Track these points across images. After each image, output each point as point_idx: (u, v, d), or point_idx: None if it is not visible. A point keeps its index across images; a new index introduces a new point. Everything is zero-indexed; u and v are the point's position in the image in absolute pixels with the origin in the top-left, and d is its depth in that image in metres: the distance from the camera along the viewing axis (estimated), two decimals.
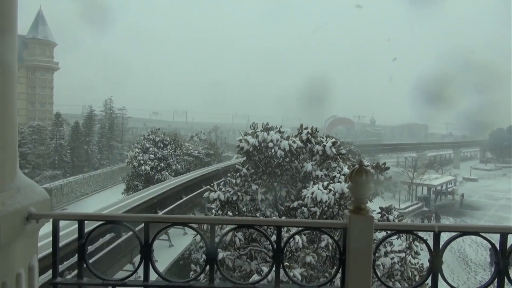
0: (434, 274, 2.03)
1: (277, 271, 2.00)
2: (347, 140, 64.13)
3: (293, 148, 9.57)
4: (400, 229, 2.30)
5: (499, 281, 2.03)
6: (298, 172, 10.32)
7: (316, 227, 2.29)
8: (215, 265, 1.96)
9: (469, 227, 2.07)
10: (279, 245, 1.98)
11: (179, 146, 44.57)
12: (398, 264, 8.16)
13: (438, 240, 2.03)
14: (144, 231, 1.88)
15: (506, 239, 2.02)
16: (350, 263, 1.93)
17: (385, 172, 8.89)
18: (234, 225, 2.10)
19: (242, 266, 10.09)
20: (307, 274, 8.37)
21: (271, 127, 10.15)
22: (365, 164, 1.97)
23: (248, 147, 9.70)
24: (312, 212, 8.70)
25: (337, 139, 11.36)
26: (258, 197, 9.90)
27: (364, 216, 1.93)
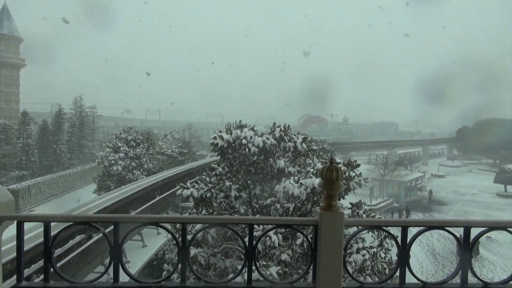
0: (402, 268, 2.09)
1: (249, 269, 2.01)
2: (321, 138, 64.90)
3: (267, 145, 9.61)
4: (370, 225, 2.35)
5: (462, 272, 2.11)
6: (272, 169, 10.37)
7: (288, 225, 2.31)
8: (187, 264, 1.95)
9: (434, 222, 2.14)
10: (251, 243, 1.99)
11: (152, 145, 43.88)
12: (369, 260, 8.35)
13: (405, 234, 2.09)
14: (113, 231, 1.84)
15: (469, 233, 2.10)
16: (321, 259, 1.96)
17: (357, 170, 9.06)
18: (206, 224, 2.09)
19: (217, 264, 10.06)
20: (282, 272, 8.43)
21: (244, 125, 10.17)
22: (336, 162, 2.01)
23: (222, 143, 9.67)
24: (286, 208, 8.77)
25: (308, 136, 11.49)
26: (232, 194, 9.89)
27: (335, 213, 1.96)
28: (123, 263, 1.89)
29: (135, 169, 38.09)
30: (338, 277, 1.96)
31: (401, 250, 2.07)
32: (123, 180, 36.26)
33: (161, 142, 51.15)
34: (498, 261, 27.65)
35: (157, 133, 74.86)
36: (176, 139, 54.14)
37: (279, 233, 8.24)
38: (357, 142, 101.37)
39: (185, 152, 48.81)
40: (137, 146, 39.84)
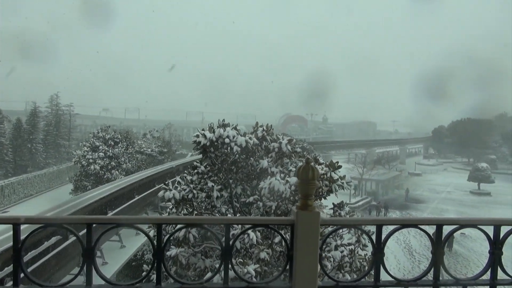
0: (377, 266, 2.12)
1: (226, 269, 2.00)
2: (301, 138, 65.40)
3: (249, 144, 9.61)
4: (345, 224, 2.38)
5: (435, 269, 2.16)
6: (254, 169, 10.38)
7: (264, 224, 2.32)
8: (163, 265, 1.93)
9: (408, 220, 2.19)
10: (227, 243, 1.98)
11: (131, 144, 43.31)
12: (347, 256, 8.47)
13: (380, 233, 2.12)
14: (86, 233, 1.80)
15: (442, 231, 2.15)
16: (297, 258, 1.97)
17: (338, 171, 9.16)
18: (182, 224, 2.07)
19: (197, 263, 10.01)
20: (261, 271, 8.46)
21: (227, 124, 10.14)
22: (312, 161, 2.02)
23: (205, 142, 9.61)
24: (267, 207, 8.80)
25: (291, 136, 11.57)
26: (213, 194, 9.85)
27: (311, 212, 1.97)
28: (97, 265, 1.85)
29: (114, 169, 37.50)
30: (314, 276, 1.98)
31: (376, 248, 2.11)
32: (101, 180, 35.65)
33: (140, 141, 50.50)
34: (472, 257, 28.50)
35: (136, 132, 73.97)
36: (155, 138, 53.51)
37: (258, 231, 8.27)
38: (337, 141, 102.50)
39: (165, 151, 48.36)
40: (116, 145, 39.23)
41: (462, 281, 2.20)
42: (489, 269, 2.20)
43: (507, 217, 2.26)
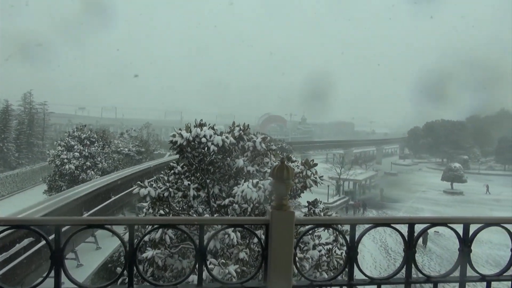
0: (350, 264, 2.14)
1: (200, 270, 1.98)
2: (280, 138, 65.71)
3: (226, 144, 9.56)
4: (319, 223, 2.39)
5: (407, 267, 2.19)
6: (231, 168, 10.35)
7: (239, 224, 2.30)
8: (135, 267, 1.89)
9: (381, 219, 2.21)
10: (201, 244, 1.96)
11: (107, 143, 42.52)
12: (325, 256, 8.56)
13: (354, 232, 2.14)
14: (54, 235, 1.74)
15: (413, 229, 2.19)
16: (272, 258, 1.97)
17: (314, 168, 9.24)
18: (155, 225, 2.03)
19: (174, 264, 9.91)
20: (240, 271, 8.44)
21: (204, 123, 10.08)
22: (286, 161, 2.02)
23: (182, 141, 9.52)
24: (244, 209, 8.79)
25: (268, 135, 11.59)
26: (190, 194, 9.77)
27: (285, 212, 1.97)
28: (66, 268, 1.80)
29: (89, 169, 36.73)
30: (288, 276, 1.98)
31: (350, 247, 2.12)
32: (76, 180, 34.87)
33: (117, 140, 49.66)
34: (445, 255, 29.26)
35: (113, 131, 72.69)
36: (133, 137, 52.78)
37: (238, 232, 8.25)
38: (315, 142, 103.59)
39: (143, 151, 47.74)
40: (92, 144, 38.45)
41: (433, 278, 2.25)
42: (459, 266, 2.25)
43: (476, 216, 2.32)
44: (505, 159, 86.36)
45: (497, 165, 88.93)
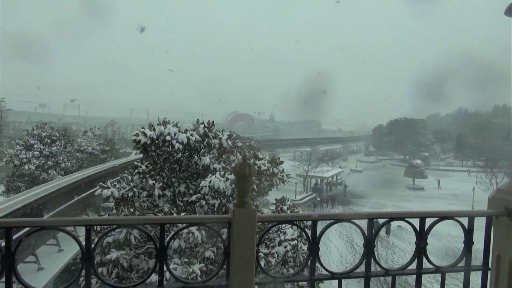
0: (312, 260, 2.17)
1: (161, 270, 1.94)
2: (248, 135, 65.81)
3: (191, 141, 9.45)
4: (281, 220, 2.41)
5: (367, 261, 2.25)
6: (197, 166, 10.25)
7: (200, 223, 2.28)
8: (92, 269, 1.83)
9: (342, 215, 2.26)
10: (162, 244, 1.93)
11: (70, 142, 41.12)
12: (290, 251, 8.66)
13: (315, 228, 2.17)
14: (5, 237, 1.66)
15: (372, 224, 2.25)
16: (234, 255, 1.97)
17: (280, 166, 9.32)
18: (113, 225, 1.98)
19: (140, 265, 9.72)
20: (206, 269, 8.39)
21: (168, 121, 9.91)
22: (248, 158, 2.02)
23: (145, 140, 9.31)
24: (211, 205, 8.73)
25: (234, 132, 11.56)
26: (155, 193, 9.59)
27: (247, 209, 1.97)
28: (18, 273, 1.71)
29: (51, 169, 35.37)
30: (251, 273, 1.98)
31: (311, 243, 2.15)
32: (37, 181, 33.49)
33: (80, 139, 48.00)
34: (407, 248, 30.33)
35: (76, 129, 70.33)
36: (97, 136, 51.22)
37: (203, 230, 8.19)
38: (283, 140, 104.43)
39: (108, 150, 46.51)
40: (53, 143, 37.03)
41: (391, 271, 2.32)
42: (416, 259, 2.33)
43: (431, 210, 2.41)
44: (463, 156, 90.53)
45: (456, 162, 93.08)
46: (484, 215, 2.38)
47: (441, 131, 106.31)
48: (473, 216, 2.35)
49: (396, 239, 32.11)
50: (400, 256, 28.81)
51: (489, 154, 74.47)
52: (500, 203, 2.35)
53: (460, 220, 2.34)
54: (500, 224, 2.35)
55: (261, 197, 24.55)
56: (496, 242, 2.39)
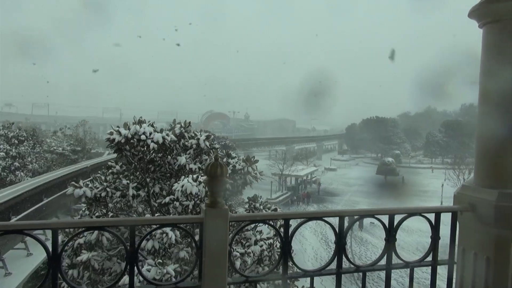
0: (285, 258, 2.19)
1: (131, 272, 1.91)
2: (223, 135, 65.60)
3: (167, 141, 9.32)
4: (254, 220, 2.42)
5: (338, 258, 2.29)
6: (172, 167, 10.13)
7: (172, 224, 2.26)
8: (60, 273, 1.78)
9: (313, 213, 2.28)
10: (133, 246, 1.90)
11: (38, 142, 39.84)
12: (266, 250, 8.69)
13: (287, 226, 2.19)
14: None
15: (343, 222, 2.28)
16: (207, 256, 1.96)
17: (255, 165, 9.34)
18: (82, 228, 1.93)
19: (113, 267, 9.53)
20: (181, 270, 8.31)
21: (143, 120, 9.74)
22: (220, 158, 2.01)
23: (119, 139, 9.11)
24: (185, 206, 8.65)
25: (211, 133, 11.50)
26: (129, 193, 9.42)
27: (219, 209, 1.96)
28: None
29: (18, 170, 34.13)
30: (223, 273, 1.98)
31: (284, 242, 2.17)
32: (3, 182, 32.23)
33: (50, 139, 46.59)
34: (380, 244, 31.02)
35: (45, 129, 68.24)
36: (68, 136, 49.83)
37: (177, 230, 8.10)
38: (258, 139, 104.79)
39: (79, 150, 45.35)
40: (20, 143, 35.75)
41: (362, 267, 2.37)
42: (385, 255, 2.39)
43: (400, 207, 2.48)
44: (432, 153, 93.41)
45: (425, 159, 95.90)
46: (450, 210, 2.46)
47: (411, 129, 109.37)
48: (439, 212, 2.43)
49: (369, 235, 32.80)
50: (373, 252, 29.45)
51: (456, 151, 77.19)
52: (464, 199, 2.43)
53: (427, 216, 2.41)
54: (464, 219, 2.43)
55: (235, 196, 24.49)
56: (461, 236, 2.47)
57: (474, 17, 2.45)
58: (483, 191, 2.32)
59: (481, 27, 2.41)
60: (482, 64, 2.39)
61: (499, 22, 2.29)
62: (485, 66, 2.37)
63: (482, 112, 2.40)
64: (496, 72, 2.32)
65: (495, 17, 2.31)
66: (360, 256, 28.68)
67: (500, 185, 2.26)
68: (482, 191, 2.33)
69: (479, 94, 2.40)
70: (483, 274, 2.28)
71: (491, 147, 2.34)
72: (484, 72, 2.38)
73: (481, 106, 2.41)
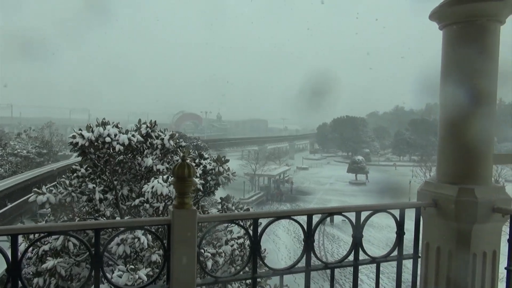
0: (254, 257, 2.19)
1: (96, 278, 1.86)
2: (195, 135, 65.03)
3: (132, 142, 9.12)
4: (223, 220, 2.41)
5: (307, 256, 2.31)
6: (140, 168, 9.94)
7: (139, 226, 2.22)
8: (20, 281, 1.71)
9: (282, 212, 2.30)
10: (97, 250, 1.84)
11: (1, 145, 38.23)
12: (237, 250, 8.68)
13: (256, 226, 2.19)
14: None
15: (311, 220, 2.31)
16: (175, 258, 1.93)
17: (226, 165, 9.30)
18: (44, 233, 1.86)
19: (81, 273, 9.26)
20: (153, 274, 8.17)
21: (107, 122, 9.49)
22: (187, 159, 1.99)
23: (83, 142, 8.83)
24: (156, 208, 8.51)
25: (178, 132, 11.37)
26: (96, 197, 9.16)
27: (187, 210, 1.94)
28: None
29: None
30: (192, 275, 1.96)
31: (253, 241, 2.17)
32: None
33: (13, 141, 44.74)
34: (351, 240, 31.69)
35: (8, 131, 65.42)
36: (33, 138, 48.04)
37: (149, 233, 7.96)
38: (231, 139, 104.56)
39: (45, 153, 43.82)
40: None
41: (330, 264, 2.40)
42: (353, 251, 2.43)
43: (367, 204, 2.53)
44: (400, 151, 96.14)
45: (394, 157, 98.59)
46: (414, 206, 2.54)
47: (380, 128, 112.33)
48: (404, 208, 2.50)
49: (340, 232, 33.36)
50: (344, 249, 29.98)
51: (423, 149, 79.84)
52: (427, 195, 2.52)
53: (392, 212, 2.47)
54: (428, 214, 2.52)
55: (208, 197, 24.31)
56: (425, 231, 2.56)
57: (434, 19, 2.53)
58: (444, 187, 2.41)
59: (442, 29, 2.50)
60: (442, 65, 2.47)
61: (459, 24, 2.38)
62: (445, 67, 2.46)
63: (443, 111, 2.49)
64: (456, 73, 2.42)
65: (454, 19, 2.39)
66: (333, 253, 29.14)
67: (460, 180, 2.35)
68: (443, 187, 2.42)
69: (439, 94, 2.49)
70: (446, 266, 2.36)
71: (451, 145, 2.43)
72: (444, 73, 2.47)
73: (442, 106, 2.50)
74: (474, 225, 2.27)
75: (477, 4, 2.28)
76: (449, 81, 2.44)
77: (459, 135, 2.36)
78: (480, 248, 2.30)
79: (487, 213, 2.28)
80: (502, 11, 2.30)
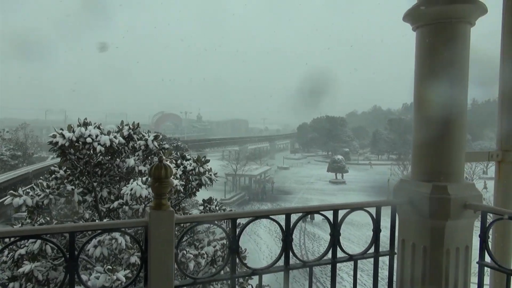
0: (232, 257, 2.19)
1: (71, 281, 1.82)
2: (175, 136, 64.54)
3: (114, 143, 8.98)
4: (200, 221, 2.41)
5: (285, 255, 2.32)
6: (121, 170, 9.79)
7: (115, 228, 2.19)
8: None
9: (261, 212, 2.31)
10: (72, 254, 1.81)
11: None
12: (219, 251, 8.66)
13: (235, 226, 2.19)
14: None
15: (290, 219, 2.33)
16: (152, 260, 1.91)
17: (206, 165, 9.26)
18: (16, 237, 1.81)
19: (58, 277, 9.05)
20: (132, 275, 8.06)
21: (89, 122, 9.31)
22: (164, 160, 1.98)
23: (63, 142, 8.63)
24: (135, 210, 8.40)
25: (161, 133, 11.26)
26: (74, 199, 8.98)
27: (165, 211, 1.93)
28: None
29: None
30: (170, 277, 1.94)
31: (231, 242, 2.17)
32: None
33: None
34: None
35: None
36: (6, 140, 46.65)
37: (127, 235, 7.85)
38: (211, 139, 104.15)
39: (19, 155, 42.65)
40: None
41: (309, 263, 2.43)
42: (330, 249, 2.46)
43: (344, 202, 2.57)
44: (378, 150, 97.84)
45: (372, 156, 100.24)
46: (389, 204, 2.59)
47: (359, 127, 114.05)
48: (380, 206, 2.54)
49: (321, 231, 33.67)
50: (325, 248, 30.08)
51: (401, 148, 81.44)
52: (403, 192, 2.57)
53: (369, 210, 2.51)
54: (403, 212, 2.57)
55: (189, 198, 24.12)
56: (400, 228, 2.62)
57: (408, 21, 2.59)
58: (418, 184, 2.47)
59: (415, 30, 2.56)
60: (415, 66, 2.53)
61: (431, 25, 2.44)
62: (418, 68, 2.52)
63: (417, 111, 2.55)
64: (429, 74, 2.48)
65: (427, 20, 2.45)
66: (313, 252, 29.37)
67: (434, 178, 2.41)
68: (418, 184, 2.47)
69: (413, 94, 2.55)
70: (421, 262, 2.42)
71: (424, 143, 2.49)
72: (417, 74, 2.52)
73: (416, 106, 2.56)
74: (447, 222, 2.33)
75: (448, 6, 2.35)
76: (422, 82, 2.50)
77: (432, 134, 2.42)
78: (453, 244, 2.36)
79: (460, 210, 2.34)
80: (472, 13, 2.38)
